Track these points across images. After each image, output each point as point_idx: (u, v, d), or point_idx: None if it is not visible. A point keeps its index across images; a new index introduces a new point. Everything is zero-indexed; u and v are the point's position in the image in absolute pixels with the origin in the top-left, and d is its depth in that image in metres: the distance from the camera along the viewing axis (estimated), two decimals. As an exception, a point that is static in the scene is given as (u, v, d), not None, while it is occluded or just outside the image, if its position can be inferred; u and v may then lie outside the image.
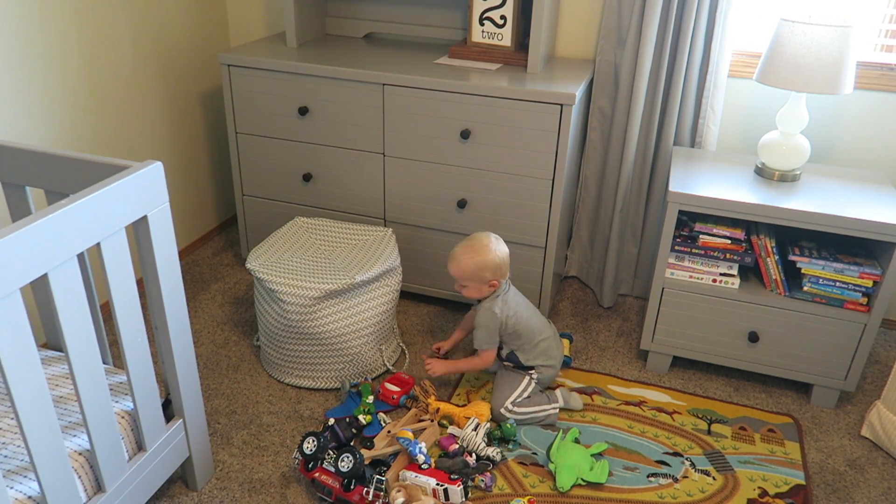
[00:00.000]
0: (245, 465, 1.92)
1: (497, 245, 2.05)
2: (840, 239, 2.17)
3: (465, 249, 2.04)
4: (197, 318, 2.54)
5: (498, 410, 2.05)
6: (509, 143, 2.25)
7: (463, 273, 2.03)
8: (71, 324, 1.31)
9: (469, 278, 2.03)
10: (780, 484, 1.91)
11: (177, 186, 2.84)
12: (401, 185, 2.45)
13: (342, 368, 2.18)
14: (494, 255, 2.02)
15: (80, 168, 1.48)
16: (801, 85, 2.02)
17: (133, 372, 1.52)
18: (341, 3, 2.78)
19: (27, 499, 1.38)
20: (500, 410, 2.05)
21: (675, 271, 2.21)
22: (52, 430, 1.30)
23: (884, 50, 2.35)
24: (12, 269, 1.15)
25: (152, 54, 2.58)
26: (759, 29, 2.44)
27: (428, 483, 1.76)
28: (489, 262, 2.00)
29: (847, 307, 2.07)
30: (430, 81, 2.24)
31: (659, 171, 2.51)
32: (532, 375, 2.11)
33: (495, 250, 2.03)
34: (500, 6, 2.38)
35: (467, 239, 2.08)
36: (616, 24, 2.40)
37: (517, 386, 2.09)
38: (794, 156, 2.18)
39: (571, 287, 2.84)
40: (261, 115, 2.51)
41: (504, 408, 2.05)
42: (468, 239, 2.08)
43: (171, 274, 1.54)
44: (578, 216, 2.75)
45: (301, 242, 2.31)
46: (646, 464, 1.96)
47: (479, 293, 2.07)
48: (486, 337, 2.06)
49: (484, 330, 2.06)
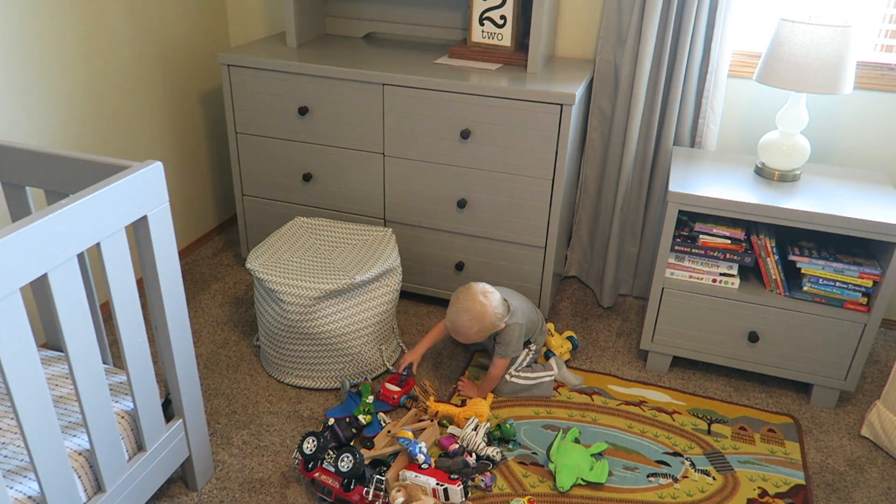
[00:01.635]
0: (245, 465, 1.92)
1: (489, 299, 2.06)
2: (840, 239, 2.17)
3: (464, 323, 2.05)
4: (197, 318, 2.54)
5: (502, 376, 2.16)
6: (509, 143, 2.25)
7: (473, 338, 2.09)
8: (71, 324, 1.31)
9: (480, 338, 2.10)
10: (780, 484, 1.91)
11: (177, 186, 2.84)
12: (401, 185, 2.45)
13: (342, 368, 2.18)
14: (492, 311, 2.05)
15: (80, 168, 1.48)
16: (800, 85, 2.02)
17: (133, 372, 1.52)
18: (341, 3, 2.78)
19: (27, 499, 1.38)
20: (503, 376, 2.16)
21: (675, 271, 2.21)
22: (52, 430, 1.30)
23: (884, 50, 2.35)
24: (12, 269, 1.15)
25: (152, 54, 2.58)
26: (759, 29, 2.44)
27: (428, 483, 1.76)
28: (492, 319, 2.06)
29: (847, 307, 2.07)
30: (430, 81, 2.24)
31: (659, 171, 2.51)
32: (531, 348, 2.23)
33: (489, 307, 2.05)
34: (500, 6, 2.38)
35: (458, 310, 2.06)
36: (616, 24, 2.40)
37: (516, 358, 2.20)
38: (794, 156, 2.18)
39: (571, 287, 2.84)
40: (261, 114, 2.51)
41: (508, 373, 2.16)
42: (459, 310, 2.05)
43: (171, 274, 1.54)
44: (578, 216, 2.75)
45: (301, 242, 2.31)
46: (646, 464, 1.96)
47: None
48: (516, 347, 2.14)
49: (515, 344, 2.13)
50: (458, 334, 2.09)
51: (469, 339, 2.08)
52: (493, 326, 2.07)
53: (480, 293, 2.07)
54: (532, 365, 2.23)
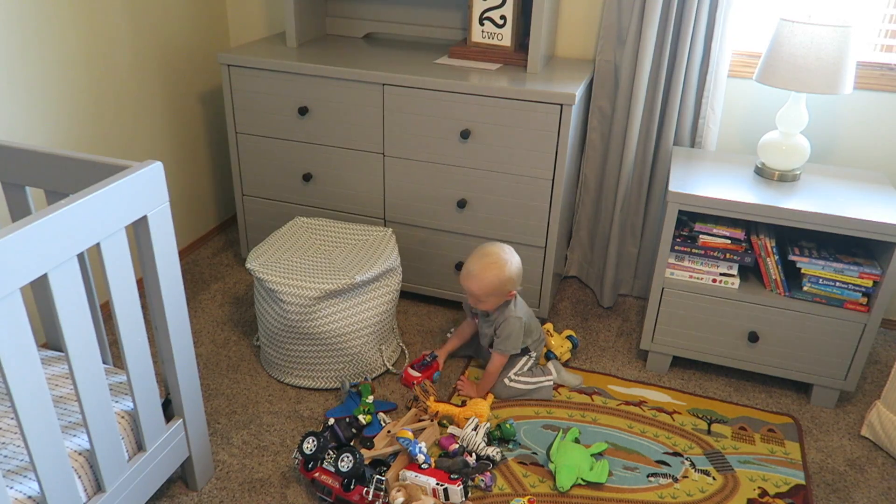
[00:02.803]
0: (245, 465, 1.92)
1: (511, 256, 2.08)
2: (840, 239, 2.17)
3: (483, 266, 2.04)
4: (197, 318, 2.54)
5: (501, 380, 2.15)
6: (509, 143, 2.25)
7: (485, 290, 2.04)
8: (71, 324, 1.31)
9: (490, 294, 2.06)
10: (780, 484, 1.91)
11: (177, 186, 2.83)
12: (401, 185, 2.45)
13: (342, 368, 2.18)
14: (511, 268, 2.05)
15: (80, 168, 1.48)
16: (800, 85, 2.02)
17: (133, 372, 1.52)
18: (341, 3, 2.78)
19: (27, 499, 1.38)
20: (503, 380, 2.15)
21: (675, 271, 2.21)
22: (52, 430, 1.30)
23: (884, 50, 2.35)
24: (12, 269, 1.15)
25: (152, 54, 2.58)
26: (759, 29, 2.44)
27: (428, 483, 1.76)
28: (510, 276, 2.04)
29: (847, 307, 2.07)
30: (430, 81, 2.24)
31: (659, 171, 2.51)
32: (531, 355, 2.22)
33: (512, 262, 2.06)
34: (500, 6, 2.38)
35: (479, 255, 2.08)
36: (616, 24, 2.40)
37: (517, 362, 2.20)
38: (793, 156, 2.18)
39: (571, 287, 2.84)
40: (260, 114, 2.51)
41: (507, 377, 2.15)
42: (480, 255, 2.08)
43: (171, 274, 1.54)
44: (578, 216, 2.75)
45: (301, 242, 2.31)
46: (646, 464, 1.96)
47: (496, 305, 2.11)
48: (515, 343, 2.12)
49: (514, 338, 2.11)
50: (471, 279, 2.04)
51: (481, 287, 2.03)
52: (507, 284, 2.04)
53: (506, 247, 2.09)
54: (532, 369, 2.22)
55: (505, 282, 2.04)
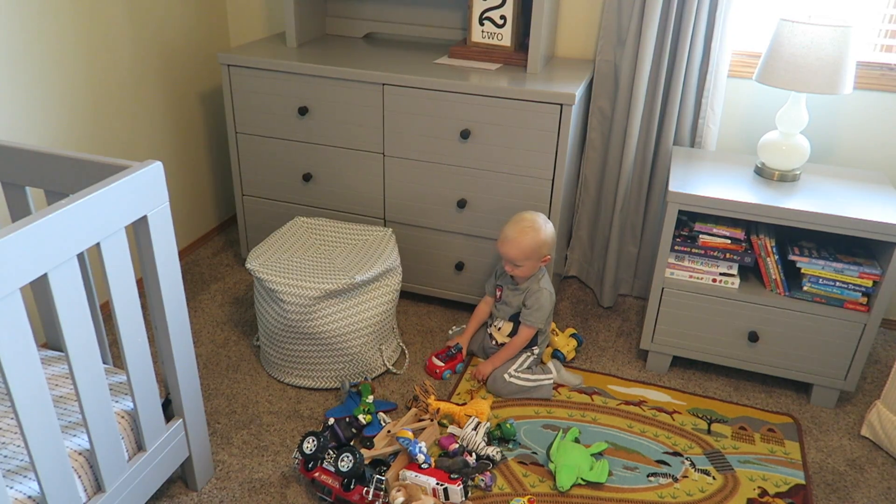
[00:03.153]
0: (245, 465, 1.92)
1: (545, 223, 2.15)
2: (840, 239, 2.17)
3: (521, 230, 2.10)
4: (197, 318, 2.54)
5: (501, 375, 2.16)
6: (509, 143, 2.25)
7: (523, 253, 2.09)
8: (71, 324, 1.31)
9: (528, 257, 2.10)
10: (779, 483, 1.91)
11: (177, 186, 2.84)
12: (401, 185, 2.45)
13: (342, 368, 2.18)
14: (548, 231, 2.13)
15: (80, 168, 1.48)
16: (800, 85, 2.02)
17: (133, 372, 1.52)
18: (341, 3, 2.78)
19: (27, 499, 1.38)
20: (503, 376, 2.16)
21: (675, 271, 2.21)
22: (52, 430, 1.30)
23: (884, 50, 2.35)
24: (12, 269, 1.15)
25: (152, 54, 2.58)
26: (759, 29, 2.44)
27: (428, 482, 1.76)
28: (547, 238, 2.12)
29: (847, 307, 2.07)
30: (430, 81, 2.24)
31: (659, 171, 2.51)
32: (534, 351, 2.24)
33: (546, 227, 2.13)
34: (500, 6, 2.38)
35: (515, 220, 2.14)
36: (616, 24, 2.40)
37: (518, 358, 2.21)
38: (793, 156, 2.18)
39: (571, 287, 2.84)
40: (261, 114, 2.51)
41: (507, 373, 2.16)
42: (516, 220, 2.14)
43: (171, 274, 1.54)
44: (578, 216, 2.75)
45: (301, 242, 2.31)
46: (646, 463, 1.96)
47: (531, 271, 2.15)
48: (543, 316, 2.17)
49: (544, 311, 2.16)
50: (509, 244, 2.09)
51: (520, 249, 2.07)
52: (543, 248, 2.10)
53: (540, 215, 2.15)
54: (532, 367, 2.23)
55: (541, 244, 2.10)
